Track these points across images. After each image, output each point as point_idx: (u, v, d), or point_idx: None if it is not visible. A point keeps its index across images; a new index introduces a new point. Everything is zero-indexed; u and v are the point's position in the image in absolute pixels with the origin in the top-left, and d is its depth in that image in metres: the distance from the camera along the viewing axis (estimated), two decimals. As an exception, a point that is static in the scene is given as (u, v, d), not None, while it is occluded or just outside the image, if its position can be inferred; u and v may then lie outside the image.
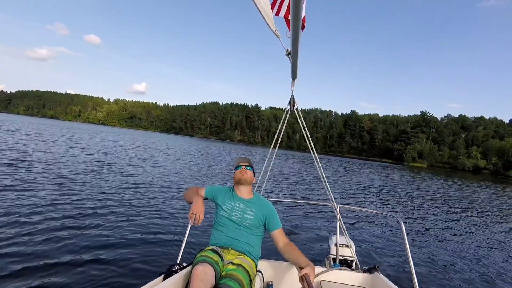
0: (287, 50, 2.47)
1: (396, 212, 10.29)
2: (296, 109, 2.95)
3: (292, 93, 2.84)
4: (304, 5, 2.38)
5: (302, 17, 2.41)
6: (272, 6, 2.54)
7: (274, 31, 2.35)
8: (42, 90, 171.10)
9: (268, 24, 2.24)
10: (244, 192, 2.18)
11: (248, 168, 2.22)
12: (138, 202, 6.97)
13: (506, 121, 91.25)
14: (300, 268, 1.89)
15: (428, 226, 8.42)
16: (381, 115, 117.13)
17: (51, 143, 19.19)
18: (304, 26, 2.50)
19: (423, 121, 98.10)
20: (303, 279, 1.74)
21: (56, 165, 10.68)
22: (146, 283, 1.65)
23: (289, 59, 2.38)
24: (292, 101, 2.91)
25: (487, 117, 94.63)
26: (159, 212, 6.39)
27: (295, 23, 1.41)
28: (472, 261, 5.78)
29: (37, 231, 4.44)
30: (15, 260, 3.51)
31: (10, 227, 4.41)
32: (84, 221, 5.13)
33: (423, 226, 8.42)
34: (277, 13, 2.56)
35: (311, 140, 3.03)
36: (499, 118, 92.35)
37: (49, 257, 3.70)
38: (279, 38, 2.41)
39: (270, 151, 3.25)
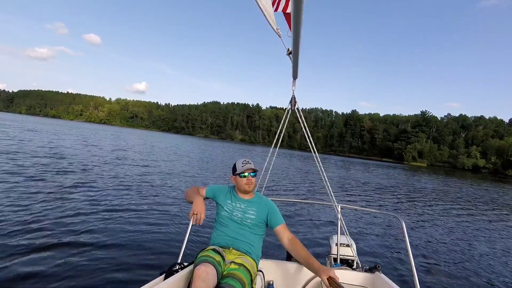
0: (288, 49, 2.46)
1: (397, 211, 10.28)
2: (297, 108, 2.94)
3: (293, 93, 2.83)
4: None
5: None
6: (273, 3, 2.51)
7: (276, 30, 2.34)
8: (44, 90, 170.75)
9: (269, 23, 2.23)
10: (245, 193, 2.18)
11: (253, 174, 2.13)
12: (139, 201, 6.98)
13: (506, 120, 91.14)
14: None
15: (429, 225, 8.42)
16: (381, 114, 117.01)
17: (65, 140, 21.31)
18: None
19: (423, 121, 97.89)
20: (331, 283, 1.72)
21: (52, 165, 10.70)
22: (147, 282, 1.65)
23: (290, 58, 2.37)
24: (293, 101, 2.90)
25: (487, 117, 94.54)
26: (160, 211, 6.39)
27: (296, 23, 1.40)
28: (473, 260, 5.77)
29: (36, 228, 4.45)
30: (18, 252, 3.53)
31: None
32: (83, 220, 5.14)
33: (424, 225, 8.41)
34: (276, 9, 2.52)
35: (311, 140, 3.02)
36: (499, 118, 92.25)
37: (49, 255, 3.71)
38: (280, 37, 2.40)
39: (271, 151, 3.24)
